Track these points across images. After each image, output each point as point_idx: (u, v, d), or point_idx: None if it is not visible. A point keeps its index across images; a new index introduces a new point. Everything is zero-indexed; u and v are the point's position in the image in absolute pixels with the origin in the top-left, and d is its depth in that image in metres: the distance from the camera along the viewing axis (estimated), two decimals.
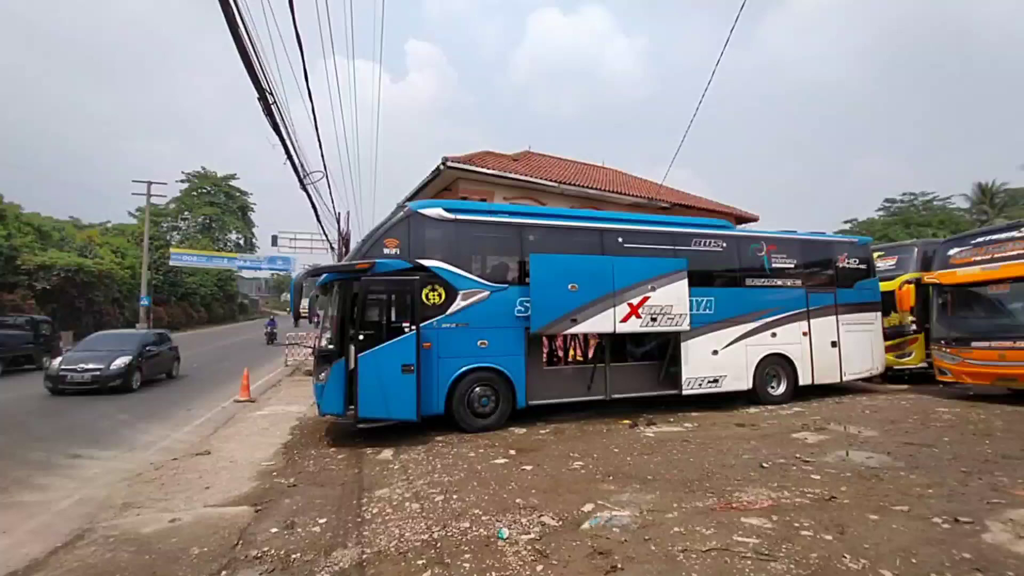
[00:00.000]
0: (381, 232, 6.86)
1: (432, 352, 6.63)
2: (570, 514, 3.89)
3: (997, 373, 8.03)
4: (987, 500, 3.97)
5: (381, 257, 6.62)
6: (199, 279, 39.54)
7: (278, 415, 8.39)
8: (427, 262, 6.76)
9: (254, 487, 4.80)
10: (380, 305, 6.73)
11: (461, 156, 12.74)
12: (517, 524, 3.71)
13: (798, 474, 4.79)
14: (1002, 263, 8.10)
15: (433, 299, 6.72)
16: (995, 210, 27.40)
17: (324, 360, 6.53)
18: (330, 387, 6.28)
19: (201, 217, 45.10)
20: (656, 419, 7.47)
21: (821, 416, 7.49)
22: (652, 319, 7.45)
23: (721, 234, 8.68)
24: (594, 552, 3.23)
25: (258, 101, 6.31)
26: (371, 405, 6.13)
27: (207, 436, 7.05)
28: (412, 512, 4.01)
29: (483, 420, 6.88)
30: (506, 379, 7.02)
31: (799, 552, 3.15)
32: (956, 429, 6.55)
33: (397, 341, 6.28)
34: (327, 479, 5.01)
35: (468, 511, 3.99)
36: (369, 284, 6.43)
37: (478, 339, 6.91)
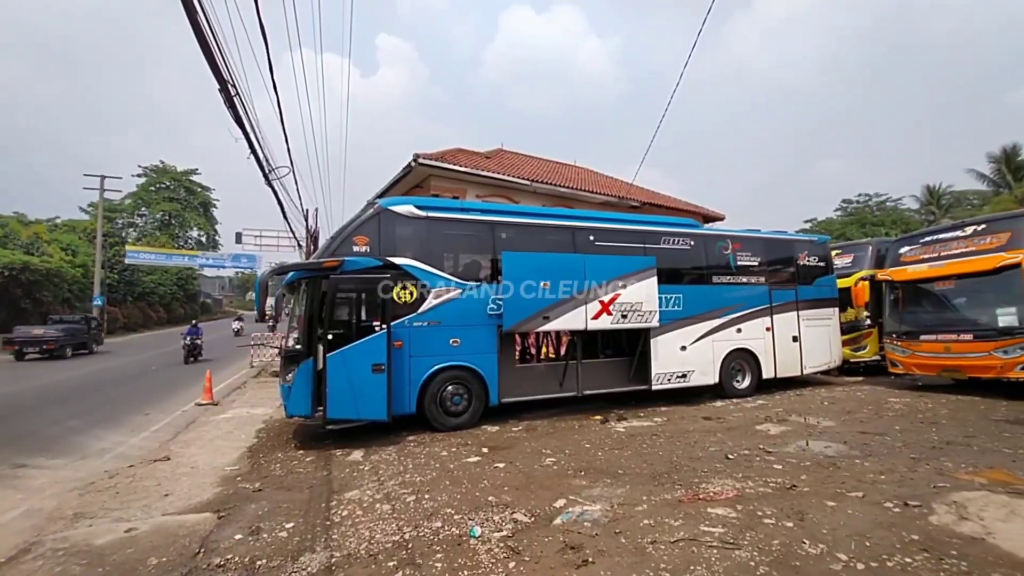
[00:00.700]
0: (350, 229, 6.73)
1: (404, 351, 6.55)
2: (542, 510, 3.92)
3: (943, 364, 8.51)
4: (933, 484, 4.20)
5: (350, 255, 6.49)
6: (158, 278, 37.89)
7: (243, 418, 8.13)
8: (398, 260, 6.66)
9: (217, 493, 4.63)
10: (350, 304, 6.60)
11: (433, 153, 12.61)
12: (490, 522, 3.71)
13: (761, 464, 4.96)
14: (947, 261, 8.58)
15: (404, 297, 6.63)
16: (941, 211, 29.00)
17: (291, 361, 6.36)
18: (297, 388, 6.12)
19: (160, 213, 43.19)
20: (627, 414, 7.59)
21: (783, 408, 7.78)
22: (623, 316, 7.57)
23: (689, 233, 8.88)
24: (566, 547, 3.26)
25: (219, 93, 6.07)
26: (340, 406, 6.01)
27: (166, 441, 6.76)
28: (383, 513, 3.95)
29: (456, 419, 6.84)
30: (479, 377, 7.00)
31: (762, 539, 3.26)
32: (906, 418, 6.91)
33: (367, 340, 6.17)
34: (294, 483, 4.89)
35: (440, 510, 3.96)
36: (338, 282, 6.30)
37: (450, 337, 6.86)
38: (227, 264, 37.00)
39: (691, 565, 2.97)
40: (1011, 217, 8.49)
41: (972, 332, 8.10)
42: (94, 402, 9.86)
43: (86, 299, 28.32)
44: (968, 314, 8.33)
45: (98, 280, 27.95)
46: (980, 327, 8.04)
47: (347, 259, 6.37)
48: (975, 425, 6.35)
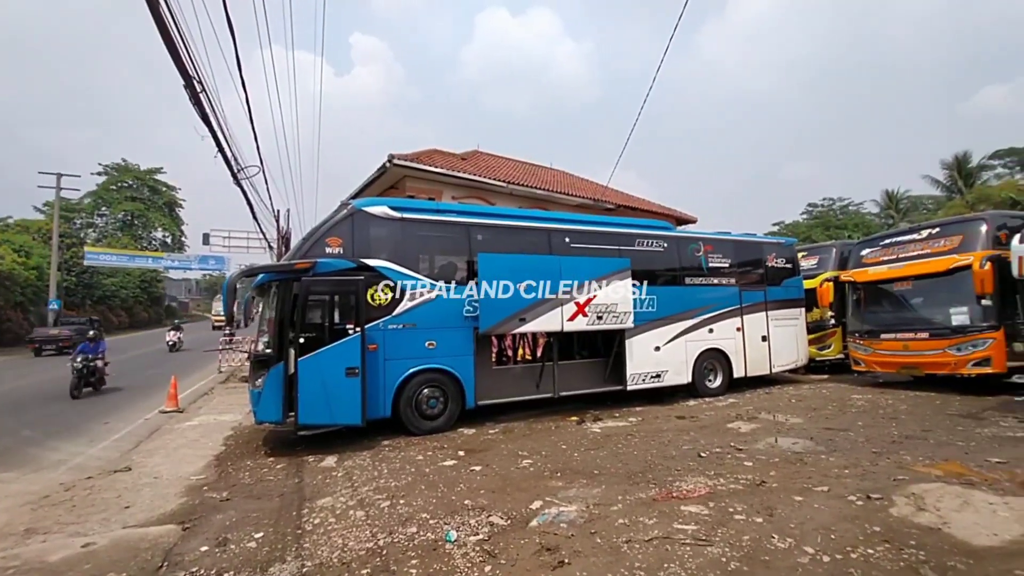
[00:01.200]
0: (323, 230, 6.60)
1: (378, 354, 6.46)
2: (519, 512, 3.91)
3: (902, 362, 8.89)
4: (894, 477, 4.38)
5: (323, 256, 6.36)
6: (119, 280, 36.42)
7: (210, 425, 7.86)
8: (372, 262, 6.57)
9: (182, 504, 4.46)
10: (322, 306, 6.47)
11: (408, 154, 12.50)
12: (466, 526, 3.68)
13: (732, 462, 5.07)
14: (905, 262, 8.97)
15: (379, 300, 6.54)
16: (900, 215, 30.38)
17: (261, 365, 6.19)
18: (267, 393, 5.95)
19: (122, 213, 41.54)
20: (603, 415, 7.66)
21: (753, 406, 7.98)
22: (598, 317, 7.64)
23: (662, 235, 9.04)
24: (542, 549, 3.26)
25: (184, 89, 5.86)
26: (313, 411, 5.88)
27: (127, 451, 6.48)
28: (356, 520, 3.88)
29: (432, 422, 6.78)
30: (455, 380, 6.96)
31: (733, 535, 3.33)
32: (868, 414, 7.18)
33: (341, 343, 6.06)
34: (264, 491, 4.75)
35: (415, 516, 3.91)
36: (310, 285, 6.16)
37: (426, 340, 6.80)
38: (194, 266, 35.80)
39: (665, 563, 3.01)
40: (962, 221, 8.95)
41: (928, 330, 8.49)
42: (50, 412, 9.38)
43: (40, 303, 26.96)
44: (924, 313, 8.73)
45: (54, 283, 26.66)
46: (935, 326, 8.43)
47: (320, 261, 6.25)
48: (931, 420, 6.64)
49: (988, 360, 7.80)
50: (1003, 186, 22.91)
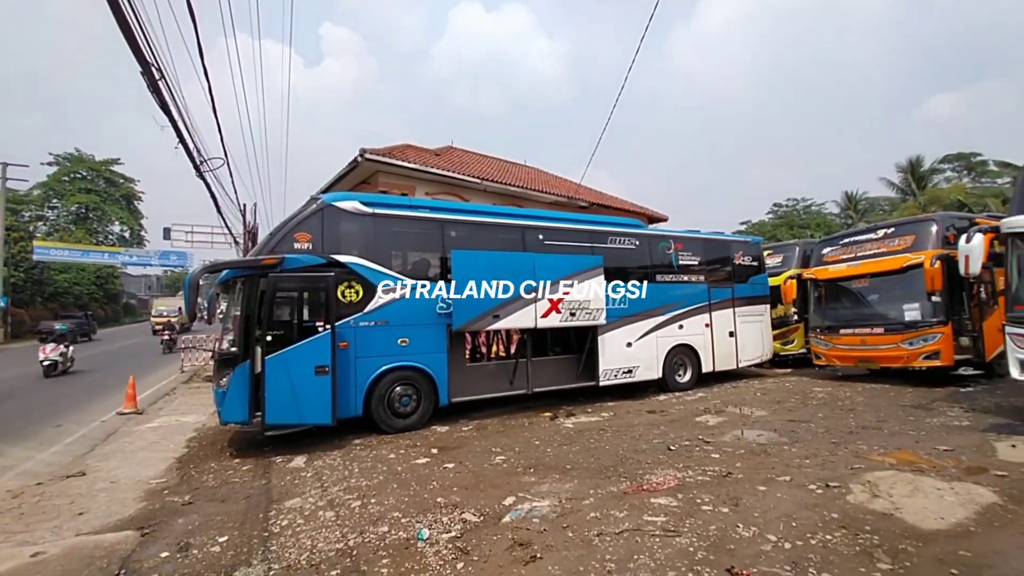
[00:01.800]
0: (291, 226, 6.43)
1: (349, 352, 6.35)
2: (491, 509, 3.91)
3: (859, 356, 9.30)
4: (851, 466, 4.58)
5: (291, 252, 6.20)
6: (73, 276, 34.61)
7: (171, 427, 7.57)
8: (343, 258, 6.44)
9: (140, 508, 4.28)
10: (291, 303, 6.31)
11: (380, 148, 12.30)
12: (438, 523, 3.66)
13: (700, 454, 5.20)
14: (863, 260, 9.38)
15: (350, 296, 6.42)
16: (858, 215, 31.70)
17: (226, 364, 5.99)
18: (233, 393, 5.77)
19: (75, 206, 39.35)
20: (575, 410, 7.74)
21: (720, 400, 8.21)
22: (571, 314, 7.70)
23: (634, 233, 9.17)
24: (514, 544, 3.27)
25: (141, 76, 5.59)
26: (281, 410, 5.73)
27: (82, 455, 6.18)
28: (326, 521, 3.81)
29: (404, 420, 6.71)
30: (428, 377, 6.90)
31: (700, 526, 3.42)
32: (828, 406, 7.48)
33: (310, 341, 5.92)
34: (229, 493, 4.61)
35: (387, 515, 3.87)
36: (278, 281, 6.00)
37: (398, 337, 6.72)
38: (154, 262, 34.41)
39: (634, 554, 3.06)
40: (915, 222, 9.40)
41: (883, 326, 8.91)
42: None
43: None
44: (880, 309, 9.14)
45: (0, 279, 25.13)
46: (890, 321, 8.85)
47: (287, 256, 6.09)
48: (886, 410, 6.97)
49: (937, 353, 8.24)
50: (952, 189, 24.23)
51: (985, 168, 27.60)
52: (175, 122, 7.17)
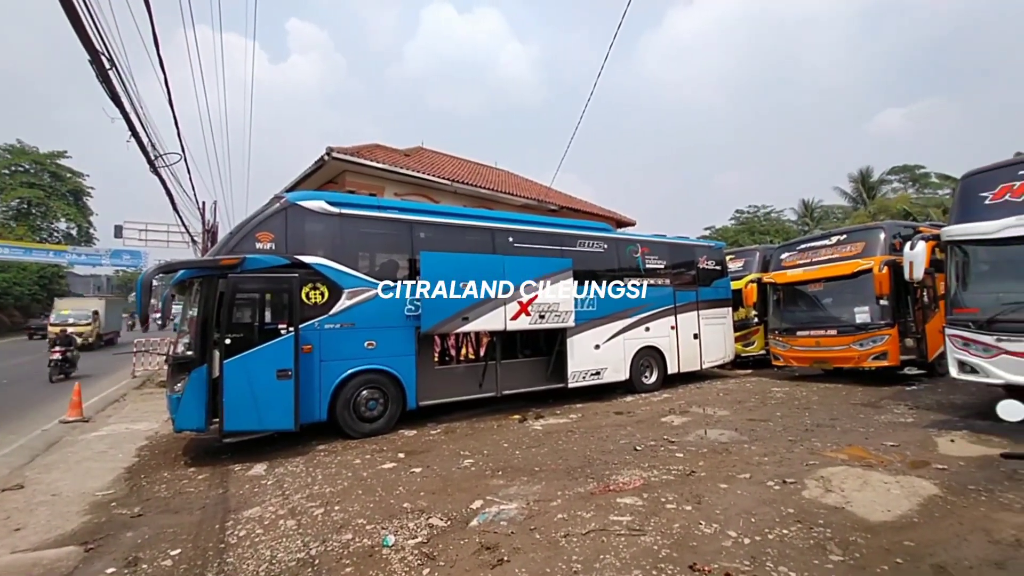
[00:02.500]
0: (253, 225, 6.22)
1: (313, 355, 6.18)
2: (459, 513, 3.88)
3: (814, 356, 9.72)
4: (806, 463, 4.77)
5: (253, 252, 6.00)
6: (13, 276, 32.43)
7: (121, 435, 7.18)
8: (308, 258, 6.27)
9: (84, 522, 4.03)
10: (251, 305, 6.08)
11: (348, 148, 12.05)
12: (404, 529, 3.60)
13: (665, 454, 5.31)
14: (818, 266, 9.82)
15: (315, 298, 6.26)
16: (814, 222, 33.17)
17: (181, 368, 5.73)
18: (188, 398, 5.52)
19: (16, 200, 36.93)
20: (544, 412, 7.77)
21: (685, 401, 8.41)
22: (540, 316, 7.74)
23: (602, 236, 9.30)
24: (481, 548, 3.25)
25: (90, 64, 5.29)
26: (240, 416, 5.52)
27: (19, 467, 5.77)
28: (287, 530, 3.68)
29: (370, 424, 6.58)
30: (396, 380, 6.79)
31: (664, 524, 3.49)
32: (786, 405, 7.78)
33: (272, 344, 5.74)
34: (183, 504, 4.40)
35: (351, 522, 3.77)
36: (238, 282, 5.78)
37: (365, 340, 6.59)
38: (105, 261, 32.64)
39: (601, 554, 3.09)
40: (865, 229, 9.91)
41: (836, 328, 9.34)
42: None
43: None
44: (833, 312, 9.58)
45: None
46: (842, 323, 9.28)
47: (249, 257, 5.88)
48: (838, 409, 7.30)
49: (885, 354, 8.71)
50: (898, 199, 25.67)
51: (928, 180, 29.39)
52: (127, 115, 6.81)
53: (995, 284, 6.04)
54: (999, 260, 6.07)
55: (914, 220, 17.38)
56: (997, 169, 6.09)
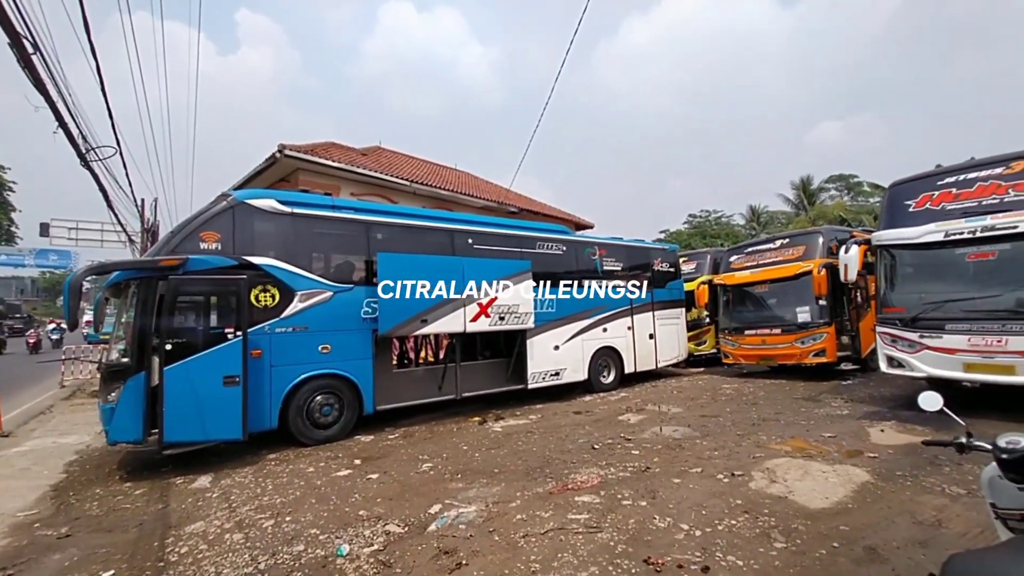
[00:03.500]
0: (197, 224, 5.90)
1: (263, 360, 5.92)
2: (417, 518, 3.82)
3: (761, 354, 10.23)
4: (753, 455, 5.00)
5: (197, 252, 5.68)
6: None
7: (47, 450, 6.62)
8: (257, 259, 6.01)
9: (3, 546, 3.69)
10: (195, 308, 5.76)
11: (302, 145, 11.64)
12: (359, 538, 3.50)
13: (622, 451, 5.43)
14: (763, 268, 10.34)
15: (265, 301, 6.00)
16: (761, 227, 34.93)
17: (115, 376, 5.35)
18: (124, 408, 5.16)
19: None
20: (504, 414, 7.78)
21: (641, 399, 8.64)
22: (500, 318, 7.75)
23: (561, 238, 9.42)
24: (440, 553, 3.21)
25: (10, 48, 4.86)
26: (182, 426, 5.22)
27: None
28: (233, 544, 3.50)
29: (325, 431, 6.37)
30: (352, 385, 6.61)
31: (620, 520, 3.56)
32: (735, 401, 8.13)
33: (217, 350, 5.45)
34: (117, 522, 4.10)
35: (303, 532, 3.64)
36: (180, 284, 5.46)
37: (319, 344, 6.37)
38: (29, 262, 30.10)
39: (559, 553, 3.12)
40: (805, 234, 10.52)
41: (780, 327, 9.86)
42: None
43: None
44: (778, 312, 10.10)
45: None
46: (785, 323, 9.82)
47: (192, 257, 5.57)
48: (782, 403, 7.70)
49: (824, 351, 9.27)
50: (835, 206, 27.45)
51: (861, 188, 31.62)
52: (53, 103, 6.30)
53: (918, 285, 6.55)
54: (921, 263, 6.59)
55: (849, 226, 18.60)
56: (919, 180, 6.62)
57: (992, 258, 5.90)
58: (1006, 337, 5.60)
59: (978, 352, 5.78)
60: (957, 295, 6.09)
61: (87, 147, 8.75)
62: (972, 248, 6.00)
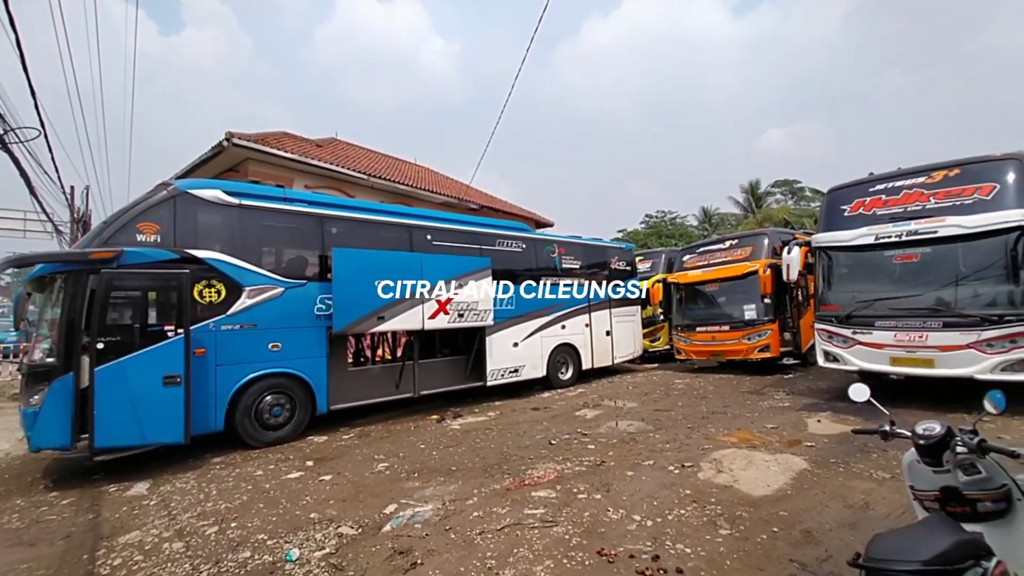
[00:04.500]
0: (135, 213, 5.52)
1: (208, 359, 5.63)
2: (371, 519, 3.74)
3: (711, 350, 10.67)
4: (702, 447, 5.21)
5: (134, 245, 5.32)
6: None
7: None
8: (201, 253, 5.70)
9: None
10: (131, 305, 5.39)
11: (252, 134, 11.12)
12: (310, 541, 3.39)
13: (578, 446, 5.52)
14: (714, 267, 10.79)
15: (209, 297, 5.70)
16: (712, 228, 36.39)
17: (39, 378, 4.92)
18: (49, 412, 4.76)
19: None
20: (463, 411, 7.75)
21: (598, 395, 8.82)
22: (459, 315, 7.70)
23: (521, 236, 9.46)
24: (394, 553, 3.16)
25: None
26: (116, 430, 4.88)
27: None
28: (173, 554, 3.32)
29: (275, 432, 6.13)
30: (304, 384, 6.39)
31: (576, 514, 3.62)
32: (686, 395, 8.44)
33: (156, 348, 5.13)
34: (41, 534, 3.79)
35: (250, 538, 3.49)
36: (114, 278, 5.10)
37: (269, 341, 6.12)
38: None
39: (515, 548, 3.14)
40: (752, 235, 11.06)
41: (729, 324, 10.32)
42: None
43: None
44: (727, 310, 10.56)
45: None
46: (734, 320, 10.28)
47: (128, 250, 5.21)
48: (730, 397, 8.07)
49: (768, 347, 9.78)
50: (780, 210, 29.01)
51: (803, 193, 33.46)
52: None
53: (852, 285, 7.02)
54: (855, 264, 7.06)
55: (792, 228, 19.67)
56: (853, 186, 7.09)
57: (916, 260, 6.40)
58: (927, 333, 6.10)
59: (903, 347, 6.26)
60: (886, 294, 6.57)
61: (5, 128, 8.00)
62: (899, 251, 6.48)
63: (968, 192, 6.03)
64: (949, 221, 6.02)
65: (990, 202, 5.85)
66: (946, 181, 6.22)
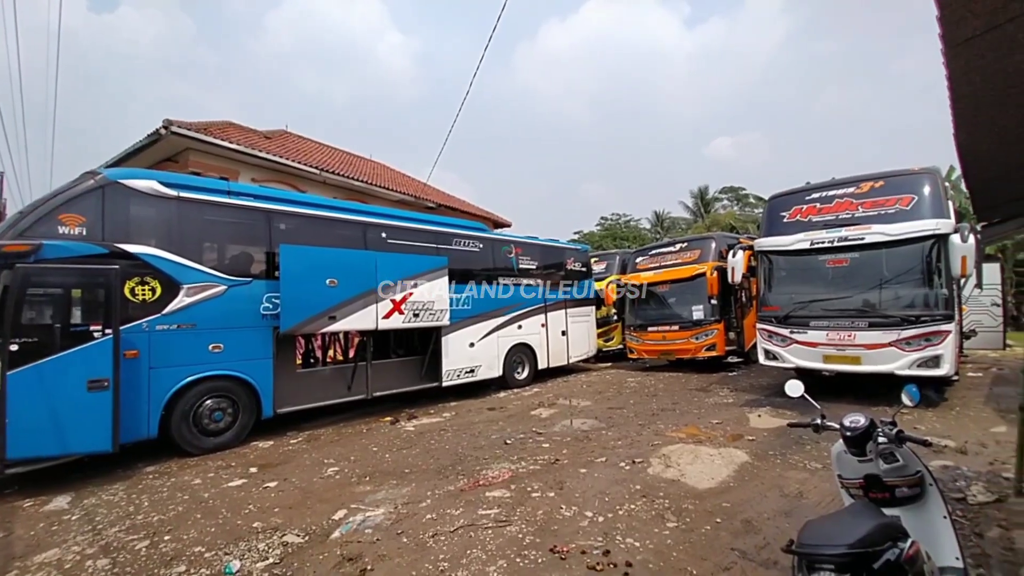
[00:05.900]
0: (56, 204, 5.06)
1: (140, 361, 5.25)
2: (319, 526, 3.61)
3: (661, 349, 11.04)
4: (652, 443, 5.37)
5: (55, 237, 4.89)
6: None
7: None
8: (134, 248, 5.31)
9: None
10: (51, 303, 4.94)
11: (194, 123, 10.48)
12: (253, 552, 3.23)
13: (533, 445, 5.56)
14: (665, 269, 11.18)
15: (143, 295, 5.32)
16: (664, 231, 37.71)
17: None
18: None
19: None
20: (417, 412, 7.63)
21: (553, 394, 8.93)
22: (415, 315, 7.58)
23: (478, 236, 9.43)
24: (343, 560, 3.06)
25: None
26: (32, 440, 4.46)
27: None
28: (97, 571, 3.07)
29: (216, 438, 5.81)
30: (248, 387, 6.09)
31: (529, 512, 3.64)
32: (638, 393, 8.69)
33: (80, 350, 4.73)
34: None
35: (185, 551, 3.28)
36: (30, 273, 4.66)
37: (209, 342, 5.79)
38: None
39: (468, 549, 3.12)
40: (700, 239, 11.55)
41: (678, 324, 10.72)
42: None
43: None
44: (677, 310, 10.96)
45: None
46: (683, 320, 10.69)
47: (48, 243, 4.78)
48: (679, 394, 8.38)
49: (714, 346, 10.23)
50: (727, 215, 30.46)
51: (748, 200, 35.30)
52: None
53: (790, 287, 7.46)
54: (793, 268, 7.50)
55: (737, 233, 20.70)
56: (792, 194, 7.54)
57: (846, 265, 6.89)
58: (855, 332, 6.57)
59: (834, 345, 6.72)
60: (820, 296, 7.02)
61: None
62: (831, 255, 6.96)
63: (891, 203, 6.55)
64: (874, 229, 6.52)
65: (909, 212, 6.39)
66: (872, 192, 6.74)
